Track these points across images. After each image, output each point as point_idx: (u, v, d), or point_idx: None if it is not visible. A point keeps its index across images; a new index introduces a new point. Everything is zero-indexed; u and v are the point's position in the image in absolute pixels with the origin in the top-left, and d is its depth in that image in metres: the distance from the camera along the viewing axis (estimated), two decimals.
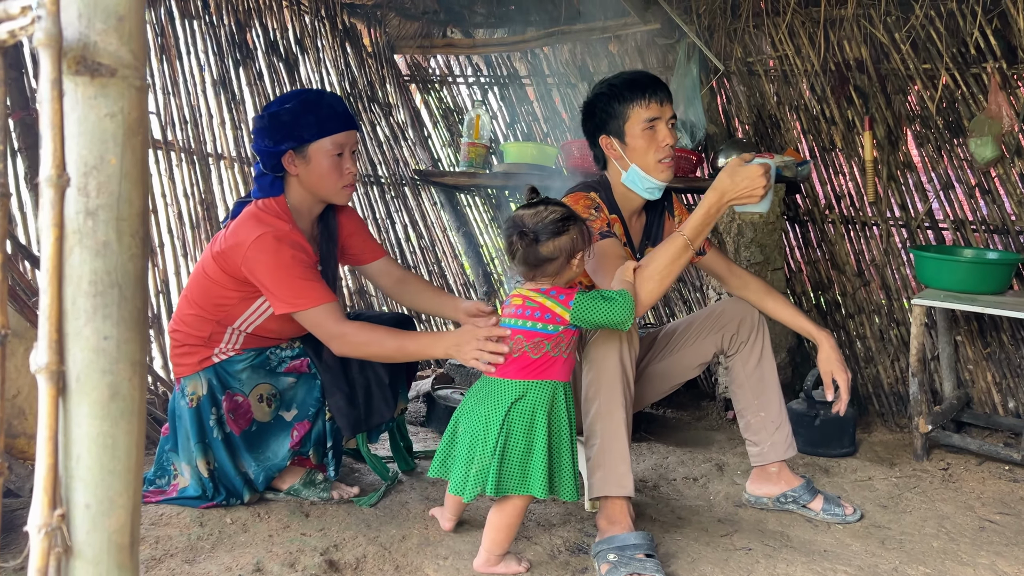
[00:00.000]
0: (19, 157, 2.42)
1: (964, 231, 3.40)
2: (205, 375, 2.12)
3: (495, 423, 1.77)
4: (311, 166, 2.08)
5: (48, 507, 0.66)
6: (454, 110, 4.70)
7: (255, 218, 2.05)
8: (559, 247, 1.79)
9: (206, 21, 3.16)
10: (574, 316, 1.79)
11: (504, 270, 4.76)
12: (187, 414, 2.10)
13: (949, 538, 2.20)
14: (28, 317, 2.13)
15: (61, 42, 0.65)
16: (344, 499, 2.21)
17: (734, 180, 1.92)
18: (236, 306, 2.11)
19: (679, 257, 1.93)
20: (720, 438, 3.15)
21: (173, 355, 2.18)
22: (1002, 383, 3.31)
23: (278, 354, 2.22)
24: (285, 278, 1.98)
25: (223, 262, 2.04)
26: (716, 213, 1.94)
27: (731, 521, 2.27)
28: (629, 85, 2.19)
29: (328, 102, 2.12)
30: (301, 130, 2.05)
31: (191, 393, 2.11)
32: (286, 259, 1.98)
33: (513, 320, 1.83)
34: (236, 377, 2.15)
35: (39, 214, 0.65)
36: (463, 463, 1.80)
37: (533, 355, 1.79)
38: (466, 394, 1.90)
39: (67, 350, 0.67)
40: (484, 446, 1.77)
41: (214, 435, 2.11)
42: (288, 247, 1.99)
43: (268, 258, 1.97)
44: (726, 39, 3.70)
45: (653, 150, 2.18)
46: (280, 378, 2.20)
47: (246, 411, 2.15)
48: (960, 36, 3.26)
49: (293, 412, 2.20)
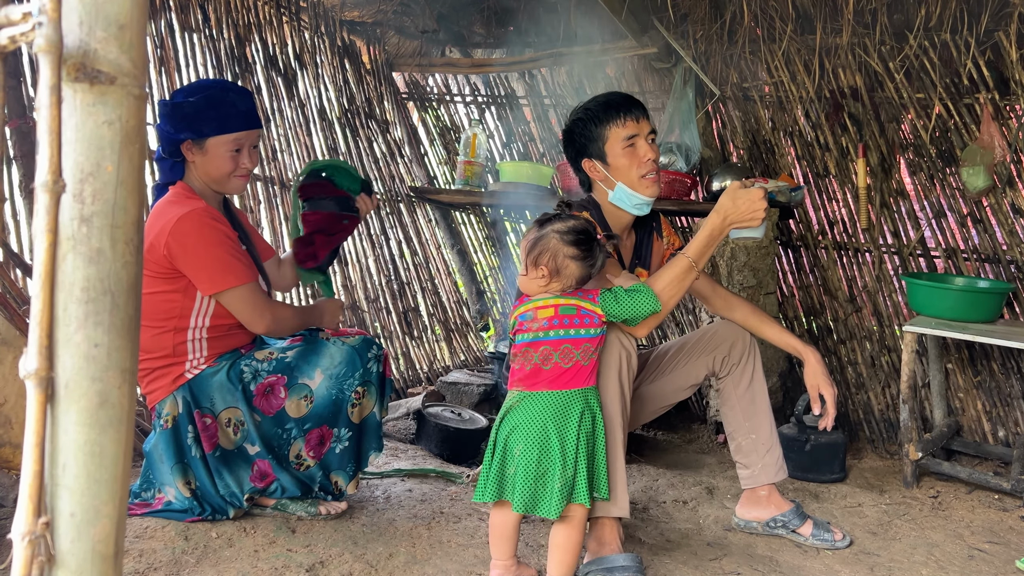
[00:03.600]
0: (14, 165, 2.42)
1: (956, 259, 3.42)
2: (180, 393, 2.07)
3: (571, 433, 1.76)
4: (207, 157, 2.10)
5: (33, 515, 0.65)
6: (451, 128, 4.72)
7: (171, 203, 2.04)
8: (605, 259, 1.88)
9: (206, 35, 3.17)
10: (603, 308, 1.83)
11: (496, 288, 4.76)
12: (163, 437, 2.06)
13: (938, 566, 2.20)
14: (18, 325, 2.12)
15: (61, 49, 0.65)
16: (332, 515, 2.19)
17: (736, 203, 1.94)
18: (182, 303, 2.06)
19: (684, 278, 1.95)
20: (710, 461, 3.14)
21: (144, 385, 2.10)
22: (992, 411, 3.31)
23: (252, 365, 2.13)
24: (213, 254, 1.98)
25: (148, 260, 2.00)
26: (719, 235, 1.98)
27: (720, 545, 2.26)
28: (604, 107, 2.21)
29: (231, 100, 2.11)
30: (201, 124, 2.07)
31: (166, 415, 2.06)
32: (212, 236, 1.99)
33: (553, 332, 1.81)
34: (207, 395, 2.09)
35: (33, 220, 0.65)
36: (531, 480, 1.75)
37: (584, 362, 1.81)
38: (507, 415, 1.84)
39: (57, 356, 0.66)
40: (564, 459, 1.74)
41: (192, 453, 2.06)
42: (212, 222, 2.00)
43: (193, 237, 1.97)
44: (722, 64, 3.73)
45: (636, 167, 2.19)
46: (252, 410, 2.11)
47: (212, 434, 2.09)
48: (953, 66, 3.30)
49: (256, 448, 2.12)
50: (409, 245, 4.19)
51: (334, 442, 2.16)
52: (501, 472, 1.80)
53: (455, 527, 2.23)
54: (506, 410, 1.85)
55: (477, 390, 3.50)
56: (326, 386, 2.12)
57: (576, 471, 1.75)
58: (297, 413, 2.12)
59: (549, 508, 1.74)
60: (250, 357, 2.15)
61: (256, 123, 2.16)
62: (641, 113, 2.21)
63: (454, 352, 4.34)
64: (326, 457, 2.17)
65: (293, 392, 2.12)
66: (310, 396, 2.13)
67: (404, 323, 4.01)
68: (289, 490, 2.13)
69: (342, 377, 2.13)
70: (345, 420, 2.15)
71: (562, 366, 1.79)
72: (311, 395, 2.13)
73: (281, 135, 3.47)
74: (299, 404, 2.12)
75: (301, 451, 2.14)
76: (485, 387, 3.51)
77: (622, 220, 2.29)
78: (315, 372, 2.13)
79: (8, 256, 2.34)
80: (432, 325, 4.26)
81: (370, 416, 2.20)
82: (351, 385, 2.13)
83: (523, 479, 1.76)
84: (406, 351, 3.97)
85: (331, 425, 2.15)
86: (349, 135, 3.95)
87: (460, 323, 4.49)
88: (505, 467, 1.80)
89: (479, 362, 4.38)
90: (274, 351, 2.17)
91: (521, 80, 4.52)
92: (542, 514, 1.75)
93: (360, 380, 2.14)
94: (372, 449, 2.23)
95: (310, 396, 2.13)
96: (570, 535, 1.81)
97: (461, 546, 2.10)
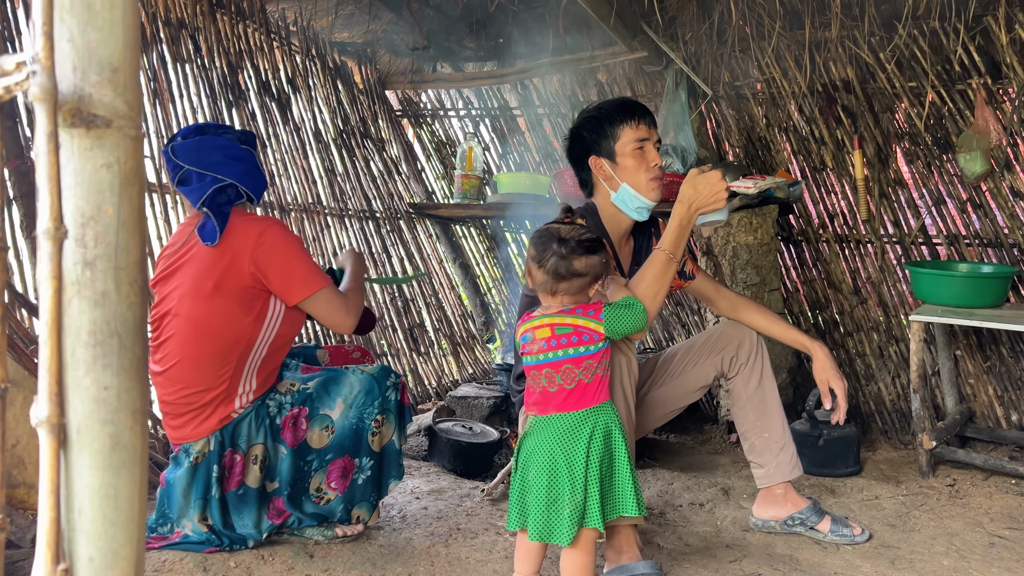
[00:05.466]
0: (14, 206, 2.43)
1: (958, 246, 3.41)
2: (218, 432, 2.03)
3: (579, 457, 1.72)
4: None
5: (51, 562, 0.65)
6: (447, 143, 4.73)
7: (245, 220, 2.04)
8: (590, 265, 1.79)
9: (198, 64, 3.18)
10: (607, 328, 1.79)
11: (500, 299, 4.76)
12: (189, 473, 2.02)
13: (959, 556, 2.19)
14: (26, 365, 2.12)
15: (56, 96, 0.65)
16: (349, 537, 2.18)
17: (697, 189, 1.95)
18: (252, 330, 2.03)
19: (665, 272, 1.96)
20: (724, 461, 3.13)
21: (186, 424, 2.03)
22: (1004, 396, 3.30)
23: (276, 398, 2.12)
24: (302, 259, 2.03)
25: (226, 286, 1.97)
26: (689, 223, 1.99)
27: (739, 546, 2.25)
28: (619, 108, 2.25)
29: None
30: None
31: (197, 452, 2.02)
32: (298, 243, 2.04)
33: (552, 353, 1.78)
34: (241, 433, 2.06)
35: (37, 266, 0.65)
36: (543, 506, 1.72)
37: (587, 380, 1.77)
38: (523, 441, 1.83)
39: (67, 401, 0.66)
40: (573, 483, 1.71)
41: (212, 492, 2.03)
42: (292, 231, 2.06)
43: (283, 245, 2.00)
44: (713, 64, 3.74)
45: (643, 169, 2.21)
46: (278, 443, 2.10)
47: (239, 472, 2.06)
48: (944, 53, 3.30)
49: (275, 484, 2.11)
50: (411, 261, 4.19)
51: (356, 473, 2.15)
52: (522, 499, 1.79)
53: (472, 543, 2.23)
54: (523, 436, 1.84)
55: (487, 403, 3.50)
56: (347, 416, 2.12)
57: (588, 494, 1.71)
58: (319, 444, 2.11)
59: (561, 535, 1.71)
60: (273, 391, 2.14)
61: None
62: (651, 122, 2.27)
63: (462, 366, 4.34)
64: (350, 489, 2.15)
65: (315, 423, 2.11)
66: (331, 427, 2.12)
67: (410, 339, 4.01)
68: (305, 522, 2.12)
69: (362, 406, 2.12)
70: (367, 449, 2.14)
71: (565, 388, 1.76)
72: (332, 425, 2.12)
73: (278, 159, 3.48)
74: (321, 435, 2.11)
75: (322, 484, 2.13)
76: (495, 399, 3.51)
77: (621, 225, 2.29)
78: (335, 402, 2.12)
79: (13, 297, 2.35)
80: (438, 340, 4.26)
81: (389, 444, 2.19)
82: (371, 414, 2.13)
83: (535, 506, 1.74)
84: (414, 367, 3.97)
85: (352, 455, 2.14)
86: (346, 155, 3.96)
87: (466, 336, 4.49)
88: (525, 494, 1.79)
89: (487, 375, 4.38)
90: (295, 382, 2.16)
91: (514, 91, 4.53)
92: (555, 541, 1.72)
93: (379, 408, 2.14)
94: (392, 477, 2.22)
95: (331, 427, 2.12)
96: (575, 560, 1.77)
97: (480, 562, 2.09)
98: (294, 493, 2.12)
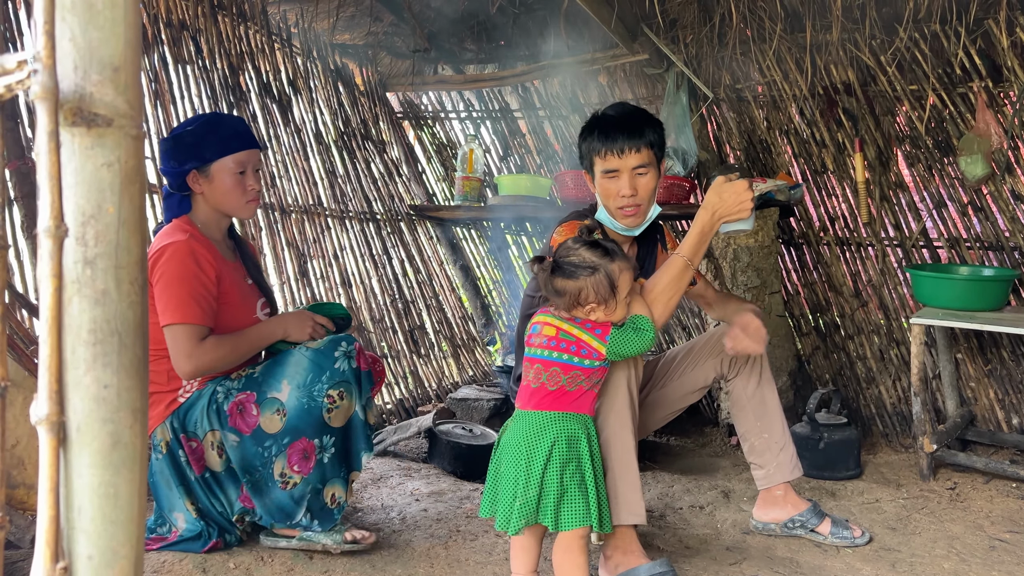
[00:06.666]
0: (15, 206, 2.43)
1: (959, 249, 3.41)
2: (169, 420, 2.09)
3: (539, 455, 1.76)
4: (214, 184, 2.14)
5: (51, 560, 0.65)
6: (447, 145, 4.74)
7: (163, 235, 2.09)
8: (565, 288, 1.83)
9: (199, 65, 3.19)
10: (610, 351, 1.81)
11: (501, 302, 4.76)
12: (162, 463, 2.07)
13: (960, 559, 2.18)
14: (26, 366, 2.12)
15: (58, 95, 0.65)
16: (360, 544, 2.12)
17: (722, 197, 1.95)
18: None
19: (680, 278, 1.95)
20: (725, 464, 3.13)
21: None
22: (1005, 400, 3.30)
23: (225, 384, 2.10)
24: (172, 288, 2.00)
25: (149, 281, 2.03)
26: (711, 231, 1.98)
27: (740, 549, 2.25)
28: (600, 129, 2.15)
29: (229, 123, 2.18)
30: (203, 150, 2.11)
31: (159, 441, 2.08)
32: (179, 271, 2.01)
33: (548, 352, 1.83)
34: (191, 419, 2.08)
35: (38, 265, 0.65)
36: (508, 498, 1.79)
37: (570, 388, 1.81)
38: (503, 432, 1.90)
39: (67, 400, 0.66)
40: (528, 479, 1.76)
41: (189, 475, 2.08)
42: (187, 258, 2.03)
43: (163, 267, 2.01)
44: (714, 67, 3.74)
45: (612, 198, 2.16)
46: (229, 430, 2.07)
47: (200, 456, 2.09)
48: (945, 56, 3.30)
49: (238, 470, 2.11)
50: (412, 263, 4.19)
51: (319, 452, 2.08)
52: (495, 488, 1.86)
53: (472, 545, 2.22)
54: (504, 427, 1.90)
55: (487, 405, 3.49)
56: (295, 396, 2.05)
57: (542, 493, 1.75)
58: (273, 429, 2.05)
59: (508, 523, 1.77)
60: (225, 377, 2.12)
61: (255, 143, 2.21)
62: (633, 146, 2.10)
63: (462, 368, 4.34)
64: (315, 471, 2.07)
65: (265, 407, 2.06)
66: (282, 409, 2.05)
67: (411, 341, 4.01)
68: (265, 518, 2.10)
69: (309, 384, 2.04)
70: (324, 428, 2.07)
71: (548, 388, 1.81)
72: (283, 408, 2.05)
73: (279, 161, 3.48)
74: (273, 419, 2.05)
75: (285, 468, 2.07)
76: (495, 402, 3.51)
77: (622, 232, 2.29)
78: (282, 384, 2.06)
79: (13, 297, 2.35)
80: (439, 342, 4.25)
81: (353, 416, 2.12)
82: (321, 391, 2.04)
83: (504, 497, 1.80)
84: (414, 369, 3.97)
85: (310, 436, 2.06)
86: (346, 157, 3.97)
87: (467, 339, 4.49)
88: (497, 483, 1.85)
89: (487, 377, 4.37)
90: (245, 368, 2.14)
91: (514, 93, 4.53)
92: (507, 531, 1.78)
93: (330, 383, 2.05)
94: (363, 450, 2.15)
95: (282, 409, 2.05)
96: (567, 559, 1.80)
97: (479, 564, 2.09)
98: (257, 480, 2.08)
